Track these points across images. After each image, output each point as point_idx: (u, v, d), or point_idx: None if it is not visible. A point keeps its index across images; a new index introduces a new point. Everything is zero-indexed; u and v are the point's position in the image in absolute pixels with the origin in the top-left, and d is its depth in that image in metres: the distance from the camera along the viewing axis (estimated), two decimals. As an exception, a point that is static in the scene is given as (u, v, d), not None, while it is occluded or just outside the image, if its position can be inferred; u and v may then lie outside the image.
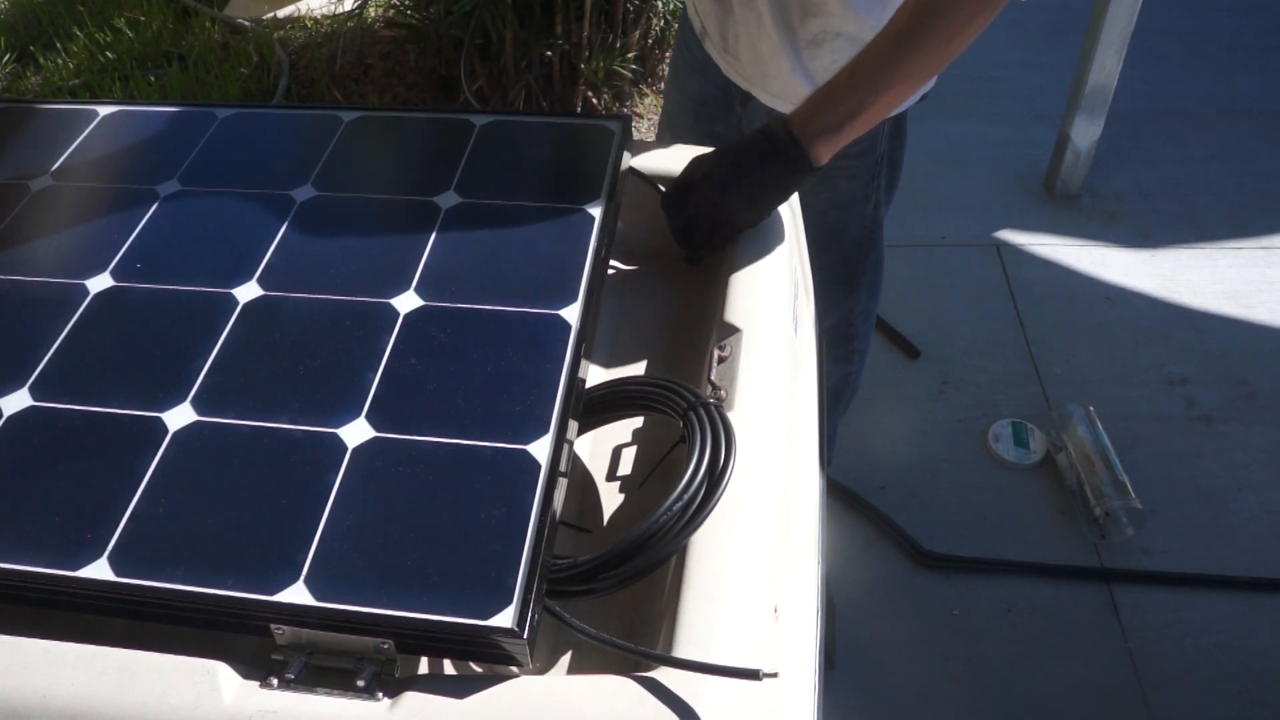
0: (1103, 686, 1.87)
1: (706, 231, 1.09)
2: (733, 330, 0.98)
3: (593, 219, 1.00)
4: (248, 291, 0.96)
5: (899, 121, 1.49)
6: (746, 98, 1.49)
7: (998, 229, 2.86)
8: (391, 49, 3.28)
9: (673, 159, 1.17)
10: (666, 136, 1.69)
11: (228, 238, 1.01)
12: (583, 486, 0.95)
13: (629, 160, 1.11)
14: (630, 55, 3.05)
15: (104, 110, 1.19)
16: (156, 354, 0.90)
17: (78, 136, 1.15)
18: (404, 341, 0.90)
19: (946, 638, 1.95)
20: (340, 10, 3.55)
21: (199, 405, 0.86)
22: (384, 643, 0.72)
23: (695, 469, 0.81)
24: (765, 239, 1.09)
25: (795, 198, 1.17)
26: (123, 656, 0.73)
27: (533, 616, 0.71)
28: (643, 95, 3.25)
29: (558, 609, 0.77)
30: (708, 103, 1.58)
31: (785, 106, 1.29)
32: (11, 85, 3.35)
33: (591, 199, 1.02)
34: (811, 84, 1.34)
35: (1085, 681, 1.88)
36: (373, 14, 3.49)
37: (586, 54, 2.92)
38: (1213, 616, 1.97)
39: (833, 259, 1.58)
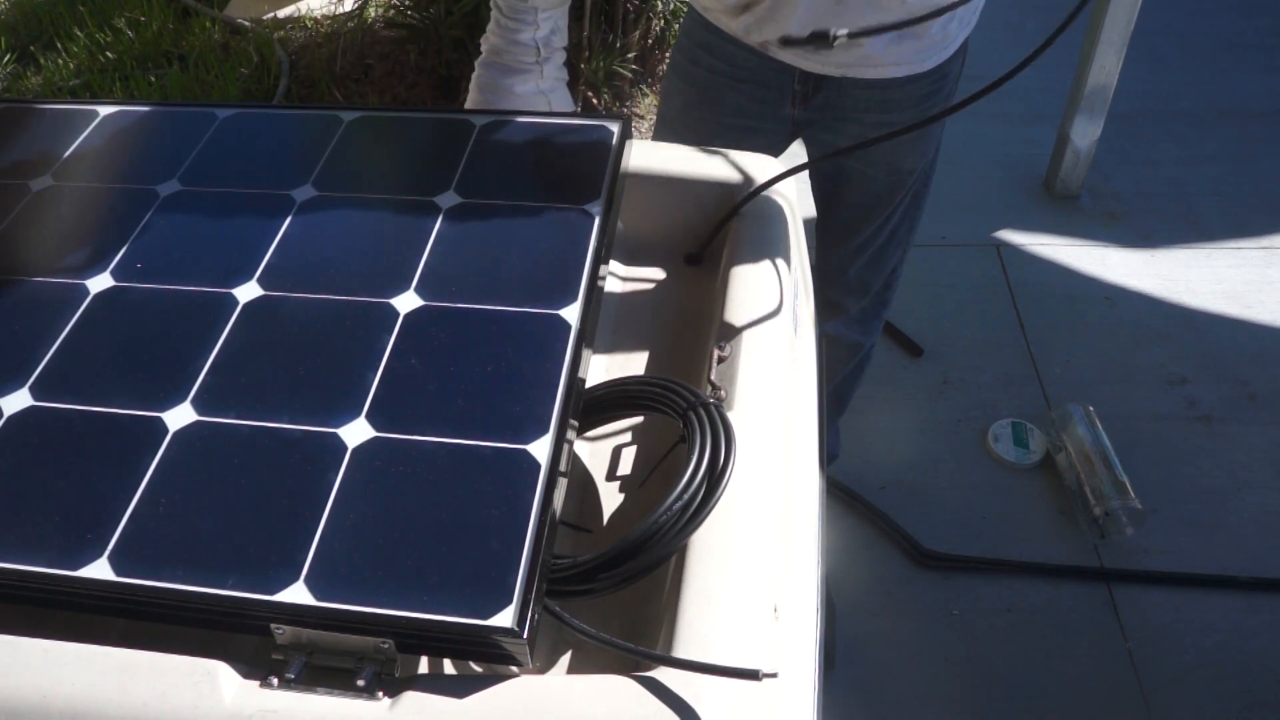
0: (1102, 686, 1.87)
1: None
2: (733, 330, 0.98)
3: (593, 219, 1.00)
4: (248, 291, 0.95)
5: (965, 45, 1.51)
6: (816, 90, 1.50)
7: (998, 229, 2.86)
8: (391, 49, 3.28)
9: (671, 159, 1.17)
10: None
11: (228, 238, 1.01)
12: (583, 486, 0.95)
13: (629, 160, 1.11)
14: (630, 55, 3.06)
15: (104, 110, 1.19)
16: (157, 354, 0.90)
17: (78, 136, 1.15)
18: (404, 341, 0.90)
19: (946, 638, 1.95)
20: (340, 10, 3.55)
21: (199, 405, 0.86)
22: (384, 642, 0.72)
23: (695, 469, 0.81)
24: (765, 239, 1.09)
25: (795, 192, 1.17)
26: (123, 656, 0.73)
27: (533, 616, 0.71)
28: (643, 95, 3.25)
29: (558, 609, 0.77)
30: (752, 115, 1.55)
31: (891, 71, 1.42)
32: (11, 85, 3.35)
33: (591, 199, 1.02)
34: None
35: (1085, 681, 1.88)
36: (373, 14, 3.49)
37: (586, 54, 2.92)
38: (1213, 616, 1.97)
39: (891, 215, 1.62)
